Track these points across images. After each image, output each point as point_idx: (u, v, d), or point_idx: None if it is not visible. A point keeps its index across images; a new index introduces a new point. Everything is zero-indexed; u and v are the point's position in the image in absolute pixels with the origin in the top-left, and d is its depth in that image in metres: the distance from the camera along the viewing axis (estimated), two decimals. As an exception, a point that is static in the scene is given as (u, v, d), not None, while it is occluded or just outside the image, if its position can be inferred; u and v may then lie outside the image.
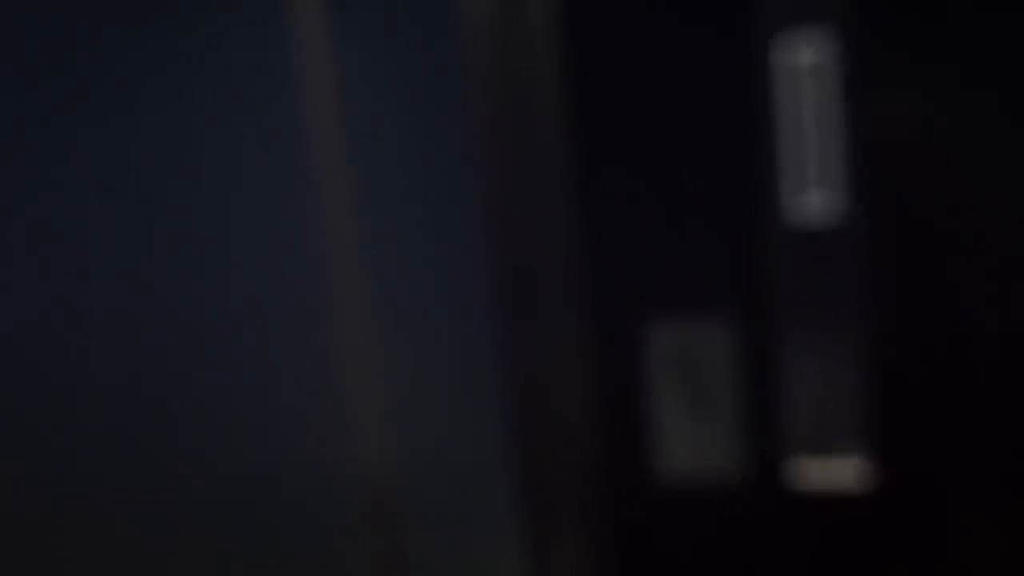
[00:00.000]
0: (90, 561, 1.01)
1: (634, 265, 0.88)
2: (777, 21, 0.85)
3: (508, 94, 0.87)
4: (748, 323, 0.86)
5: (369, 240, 0.94)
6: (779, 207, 0.85)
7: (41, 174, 0.95)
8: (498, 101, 0.87)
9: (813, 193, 0.85)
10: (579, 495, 0.92)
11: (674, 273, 0.87)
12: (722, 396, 0.88)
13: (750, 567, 0.90)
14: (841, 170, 0.84)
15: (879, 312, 0.84)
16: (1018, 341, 0.82)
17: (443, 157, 0.91)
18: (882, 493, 0.87)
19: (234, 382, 0.98)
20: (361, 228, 0.94)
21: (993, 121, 0.80)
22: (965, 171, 0.82)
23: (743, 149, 0.84)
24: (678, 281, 0.87)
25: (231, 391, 0.99)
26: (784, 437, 0.88)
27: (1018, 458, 0.84)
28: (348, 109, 0.92)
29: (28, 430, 1.00)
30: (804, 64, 0.84)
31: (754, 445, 0.88)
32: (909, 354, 0.84)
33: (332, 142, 0.93)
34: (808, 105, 0.85)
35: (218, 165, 0.94)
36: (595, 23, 0.86)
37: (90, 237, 0.96)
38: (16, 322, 0.98)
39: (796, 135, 0.85)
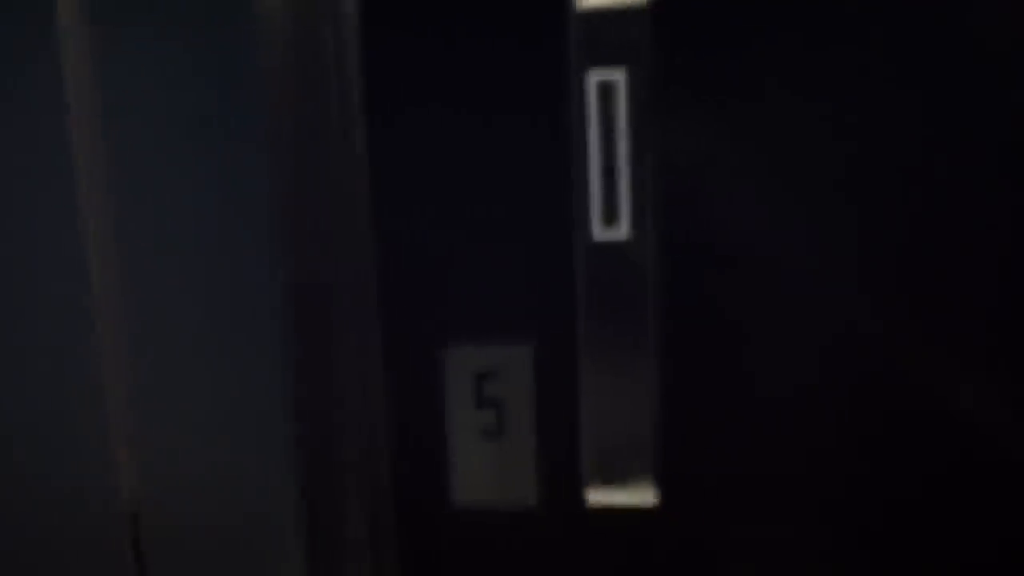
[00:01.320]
0: None
1: (431, 288, 0.88)
2: (580, 52, 0.87)
3: (303, 111, 0.84)
4: (546, 347, 0.87)
5: (144, 257, 0.88)
6: (578, 230, 0.85)
7: None
8: (292, 120, 0.83)
9: (615, 217, 0.85)
10: (371, 522, 0.89)
11: (472, 296, 0.87)
12: (519, 420, 0.87)
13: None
14: (641, 195, 0.84)
15: (674, 337, 0.85)
16: (808, 369, 0.83)
17: (231, 173, 0.87)
18: (676, 516, 0.87)
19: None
20: (136, 244, 0.88)
21: (786, 150, 0.80)
22: (759, 197, 0.82)
23: (545, 173, 0.84)
24: (476, 304, 0.87)
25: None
26: (581, 461, 0.88)
27: (808, 479, 0.85)
28: (130, 123, 0.87)
29: None
30: (609, 87, 0.82)
31: (551, 469, 0.88)
32: (704, 379, 0.85)
33: (100, 153, 0.88)
34: (607, 131, 0.85)
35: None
36: (395, 44, 0.84)
37: None
38: None
39: (597, 159, 0.86)
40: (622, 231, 0.87)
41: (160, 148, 0.86)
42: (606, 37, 0.85)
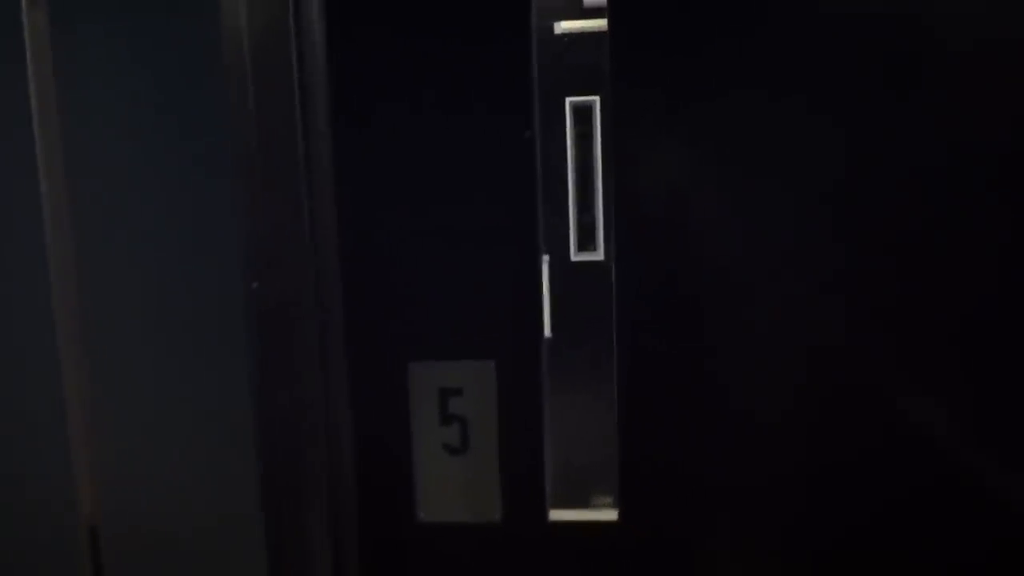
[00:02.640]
0: None
1: (397, 304, 0.88)
2: (557, 77, 0.88)
3: (268, 134, 0.84)
4: (510, 362, 0.87)
5: (105, 270, 0.87)
6: (541, 251, 0.86)
7: None
8: (256, 139, 0.84)
9: (590, 239, 0.87)
10: (335, 537, 0.89)
11: (438, 312, 0.87)
12: (484, 435, 0.88)
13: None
14: (606, 220, 0.85)
15: (636, 358, 0.86)
16: (770, 389, 0.85)
17: (194, 186, 0.86)
18: (637, 531, 0.88)
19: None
20: (97, 258, 0.87)
21: (745, 179, 0.83)
22: (721, 226, 0.84)
23: (511, 192, 0.85)
24: (441, 320, 0.87)
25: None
26: (545, 476, 0.89)
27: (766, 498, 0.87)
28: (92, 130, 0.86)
29: None
30: (585, 110, 0.84)
31: (515, 484, 0.88)
32: (667, 396, 0.86)
33: (60, 165, 0.86)
34: (575, 156, 0.86)
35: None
36: (364, 60, 0.85)
37: None
38: None
39: (562, 183, 0.88)
40: (595, 251, 0.88)
41: (122, 161, 0.85)
42: (581, 61, 0.87)
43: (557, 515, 0.89)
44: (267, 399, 0.85)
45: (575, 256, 0.88)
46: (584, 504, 0.90)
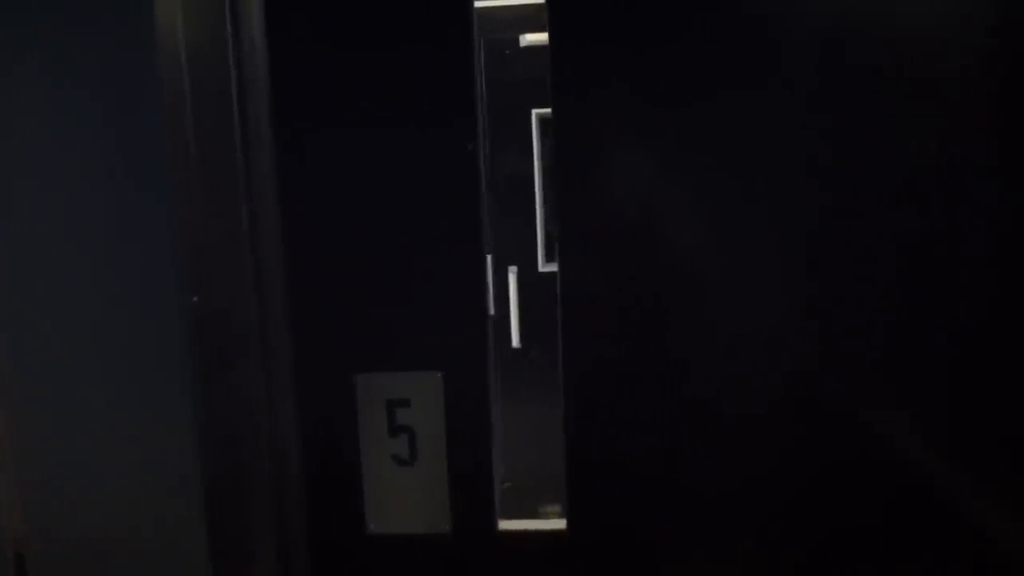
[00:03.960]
0: None
1: (342, 315, 0.88)
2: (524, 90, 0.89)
3: (207, 146, 0.83)
4: (455, 374, 0.87)
5: (34, 285, 0.85)
6: (486, 261, 0.87)
7: None
8: (195, 151, 0.82)
9: (552, 252, 0.89)
10: (283, 552, 0.88)
11: (384, 323, 0.87)
12: (432, 446, 0.88)
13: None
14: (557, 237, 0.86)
15: (583, 365, 0.86)
16: (722, 398, 0.86)
17: (131, 202, 0.84)
18: (586, 540, 0.88)
19: None
20: (25, 275, 0.85)
21: (689, 187, 0.84)
22: (665, 233, 0.85)
23: (455, 203, 0.86)
24: (388, 331, 0.87)
25: None
26: (494, 486, 0.89)
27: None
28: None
29: None
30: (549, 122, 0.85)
31: (464, 494, 0.88)
32: (616, 405, 0.87)
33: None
34: (541, 167, 0.89)
35: None
36: (301, 73, 0.86)
37: None
38: None
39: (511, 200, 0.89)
40: (552, 262, 0.88)
41: (56, 174, 0.83)
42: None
43: (507, 525, 0.89)
44: (208, 414, 0.83)
45: (543, 267, 0.88)
46: (534, 514, 0.90)
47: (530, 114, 0.87)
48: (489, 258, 0.92)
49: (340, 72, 0.85)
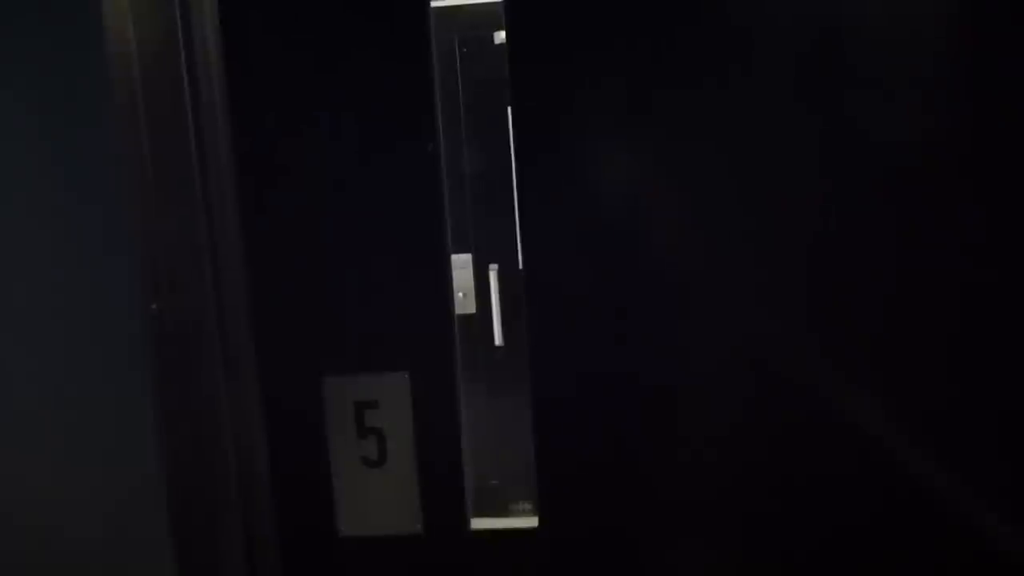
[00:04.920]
0: None
1: (308, 317, 0.88)
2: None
3: (162, 152, 0.83)
4: (423, 375, 0.87)
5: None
6: (449, 262, 0.87)
7: None
8: (149, 159, 0.82)
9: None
10: (251, 556, 0.87)
11: (350, 325, 0.87)
12: (401, 447, 0.88)
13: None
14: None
15: (551, 364, 0.86)
16: (688, 394, 0.86)
17: (83, 211, 0.83)
18: (557, 538, 0.88)
19: None
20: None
21: (644, 185, 0.84)
22: (624, 229, 0.85)
23: (419, 202, 0.85)
24: (354, 333, 0.87)
25: None
26: (464, 485, 0.89)
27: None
28: None
29: None
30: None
31: (434, 494, 0.88)
32: (584, 402, 0.86)
33: None
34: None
35: None
36: (257, 75, 0.85)
37: None
38: None
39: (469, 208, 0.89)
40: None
41: (7, 183, 0.83)
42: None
43: (478, 524, 0.89)
44: (169, 420, 0.82)
45: (523, 265, 0.88)
46: (504, 512, 0.90)
47: (505, 112, 0.87)
48: (470, 256, 0.92)
49: (299, 72, 0.85)
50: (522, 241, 0.85)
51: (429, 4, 0.85)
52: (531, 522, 0.88)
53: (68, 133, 0.81)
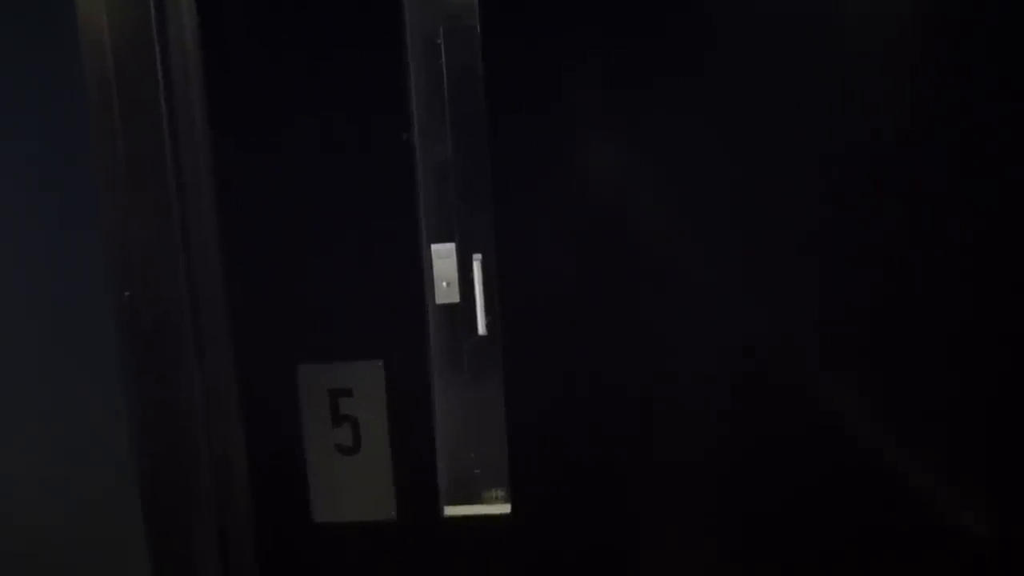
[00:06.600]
0: None
1: (281, 307, 0.88)
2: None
3: (136, 143, 0.83)
4: (397, 363, 0.88)
5: None
6: (423, 250, 0.87)
7: None
8: (123, 149, 0.82)
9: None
10: (226, 545, 0.88)
11: (325, 313, 0.88)
12: (375, 435, 0.88)
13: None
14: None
15: (523, 351, 0.87)
16: (663, 381, 0.86)
17: (57, 201, 0.82)
18: (530, 524, 0.89)
19: None
20: None
21: (616, 177, 0.84)
22: (595, 220, 0.85)
23: (392, 192, 0.86)
24: (329, 321, 0.88)
25: None
26: (437, 472, 0.89)
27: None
28: None
29: None
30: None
31: (408, 482, 0.89)
32: (556, 389, 0.87)
33: None
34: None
35: None
36: (233, 68, 0.86)
37: None
38: None
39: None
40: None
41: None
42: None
43: (451, 510, 0.90)
44: (143, 408, 0.84)
45: (497, 255, 0.88)
46: (477, 499, 0.91)
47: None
48: (454, 246, 0.93)
49: (274, 60, 0.85)
50: (496, 231, 0.86)
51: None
52: (504, 509, 0.89)
53: (40, 122, 0.81)
